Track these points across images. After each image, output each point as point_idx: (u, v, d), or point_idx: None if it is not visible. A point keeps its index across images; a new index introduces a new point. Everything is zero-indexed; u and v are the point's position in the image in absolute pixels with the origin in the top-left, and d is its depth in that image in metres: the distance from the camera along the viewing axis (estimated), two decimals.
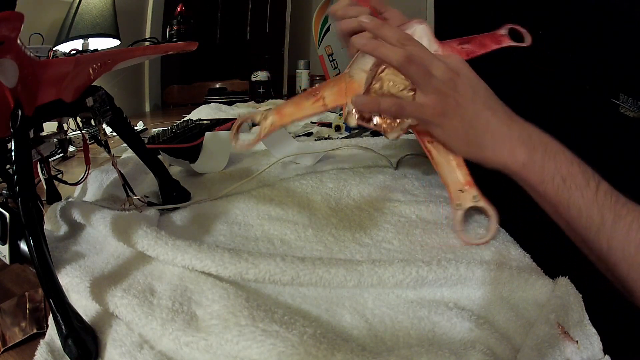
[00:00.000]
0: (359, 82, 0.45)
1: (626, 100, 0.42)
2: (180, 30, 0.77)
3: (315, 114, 0.45)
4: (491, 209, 0.40)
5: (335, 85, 0.45)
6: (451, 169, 0.42)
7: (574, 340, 0.27)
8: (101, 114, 0.41)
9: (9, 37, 0.27)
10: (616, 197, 0.35)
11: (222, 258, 0.33)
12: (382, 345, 0.28)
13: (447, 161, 0.42)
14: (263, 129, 0.44)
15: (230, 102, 1.49)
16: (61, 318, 0.27)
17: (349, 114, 0.44)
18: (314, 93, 0.45)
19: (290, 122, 0.44)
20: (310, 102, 0.45)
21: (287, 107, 0.45)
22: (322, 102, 0.44)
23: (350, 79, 0.45)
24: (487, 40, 0.45)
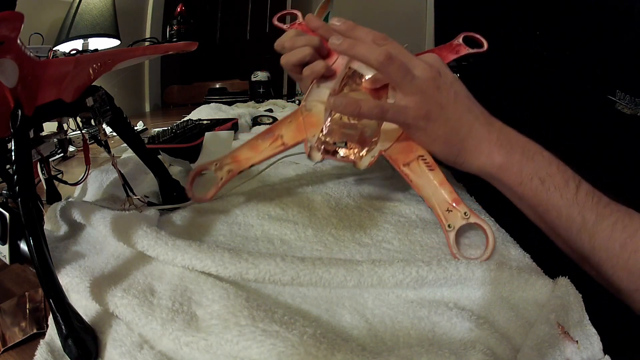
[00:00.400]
0: (317, 114, 0.43)
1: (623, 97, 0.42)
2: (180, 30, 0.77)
3: (275, 154, 0.43)
4: (484, 223, 0.37)
5: (293, 122, 0.43)
6: (434, 189, 0.39)
7: (574, 340, 0.27)
8: (101, 114, 0.41)
9: (9, 37, 0.27)
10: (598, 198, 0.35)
11: (222, 258, 0.33)
12: (382, 345, 0.28)
13: (428, 182, 0.39)
14: (219, 179, 0.43)
15: (230, 102, 1.50)
16: (61, 318, 0.27)
17: (312, 150, 0.41)
18: (270, 133, 0.43)
19: (248, 167, 0.43)
20: (268, 142, 0.43)
21: (242, 151, 0.43)
22: (280, 141, 0.42)
23: (308, 112, 0.43)
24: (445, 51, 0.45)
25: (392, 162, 0.41)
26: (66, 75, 0.36)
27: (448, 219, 0.38)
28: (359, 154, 0.41)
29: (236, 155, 0.43)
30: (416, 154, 0.40)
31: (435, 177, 0.39)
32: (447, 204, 0.38)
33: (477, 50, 0.45)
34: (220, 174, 0.43)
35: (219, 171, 0.43)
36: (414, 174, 0.40)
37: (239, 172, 0.43)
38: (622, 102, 0.42)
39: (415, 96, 0.37)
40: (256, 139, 0.43)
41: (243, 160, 0.43)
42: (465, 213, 0.37)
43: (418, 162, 0.40)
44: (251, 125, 1.07)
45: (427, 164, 0.40)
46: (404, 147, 0.40)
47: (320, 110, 0.43)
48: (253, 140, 0.43)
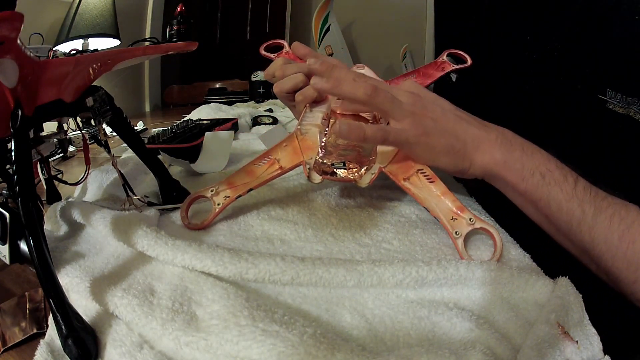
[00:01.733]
0: (312, 137, 0.43)
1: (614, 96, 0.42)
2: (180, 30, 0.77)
3: (273, 178, 0.42)
4: (490, 227, 0.37)
5: (288, 145, 0.43)
6: (437, 200, 0.39)
7: (574, 341, 0.27)
8: (101, 114, 0.41)
9: (9, 37, 0.27)
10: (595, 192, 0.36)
11: (222, 258, 0.33)
12: (382, 345, 0.28)
13: (430, 193, 0.40)
14: (216, 205, 0.42)
15: (230, 102, 1.50)
16: (61, 318, 0.27)
17: (310, 172, 0.40)
18: (266, 157, 0.43)
19: (245, 193, 0.42)
20: (264, 168, 0.42)
21: (239, 177, 0.43)
22: (277, 165, 0.42)
23: (303, 136, 0.43)
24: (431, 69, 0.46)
25: (392, 178, 0.41)
26: (66, 75, 0.36)
27: (454, 226, 0.38)
28: (358, 173, 0.41)
29: (232, 181, 0.42)
30: (415, 168, 0.40)
31: (436, 188, 0.39)
32: (451, 212, 0.38)
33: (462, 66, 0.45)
34: (217, 200, 0.42)
35: (216, 197, 0.42)
36: (415, 187, 0.40)
37: (234, 198, 0.42)
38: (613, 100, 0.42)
39: (408, 118, 0.39)
40: (252, 165, 0.43)
41: (240, 186, 0.42)
42: (470, 219, 0.38)
43: (418, 175, 0.40)
44: (251, 125, 1.08)
45: (426, 177, 0.40)
46: (402, 163, 0.41)
47: (315, 134, 0.43)
48: (249, 166, 0.43)
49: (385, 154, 0.41)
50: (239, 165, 0.65)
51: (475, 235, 0.40)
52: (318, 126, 0.44)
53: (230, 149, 0.67)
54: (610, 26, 0.43)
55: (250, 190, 0.42)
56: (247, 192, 0.42)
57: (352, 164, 0.42)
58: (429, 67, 0.46)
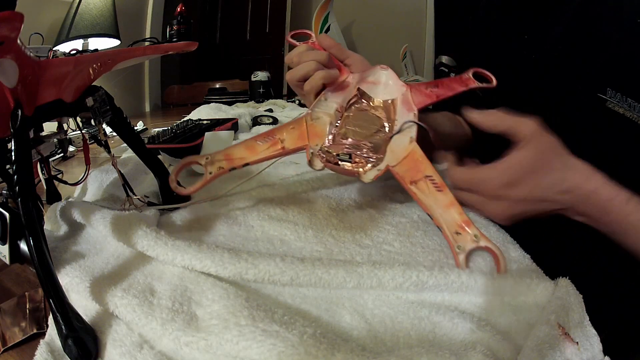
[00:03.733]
0: (322, 125, 0.42)
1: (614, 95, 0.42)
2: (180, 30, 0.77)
3: (272, 157, 0.41)
4: (496, 248, 0.35)
5: (296, 128, 0.42)
6: (442, 210, 0.38)
7: (574, 342, 0.27)
8: (101, 114, 0.41)
9: (9, 37, 0.27)
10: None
11: (222, 258, 0.33)
12: (382, 345, 0.28)
13: (436, 202, 0.38)
14: (208, 173, 0.41)
15: (230, 102, 1.50)
16: (61, 318, 0.27)
17: (313, 157, 0.40)
18: (270, 136, 0.42)
19: (241, 166, 0.41)
20: (266, 145, 0.42)
21: (237, 150, 0.42)
22: (280, 145, 0.41)
23: (312, 122, 0.43)
24: (455, 83, 0.46)
25: (399, 179, 0.40)
26: (66, 75, 0.36)
27: (457, 240, 0.36)
28: (362, 168, 0.40)
29: (230, 153, 0.42)
30: (423, 173, 0.39)
31: (444, 198, 0.38)
32: (456, 225, 0.37)
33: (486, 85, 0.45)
34: (210, 169, 0.41)
35: (210, 166, 0.41)
36: (422, 192, 0.39)
37: (230, 169, 0.41)
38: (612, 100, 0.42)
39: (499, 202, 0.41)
40: (254, 140, 0.42)
41: (236, 159, 0.41)
42: (476, 236, 0.36)
43: (426, 181, 0.39)
44: (251, 125, 1.08)
45: (435, 185, 0.39)
46: (411, 165, 0.40)
47: (325, 122, 0.43)
48: (250, 141, 0.42)
49: (396, 153, 0.40)
50: None
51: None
52: (330, 116, 0.43)
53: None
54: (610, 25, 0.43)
55: (246, 164, 0.41)
56: (242, 166, 0.41)
57: (359, 158, 0.41)
58: (454, 80, 0.46)
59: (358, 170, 0.40)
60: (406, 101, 0.44)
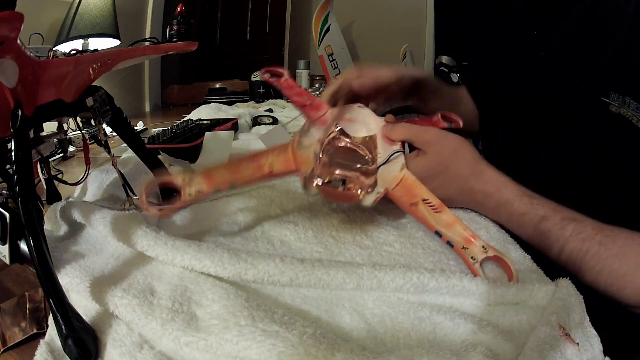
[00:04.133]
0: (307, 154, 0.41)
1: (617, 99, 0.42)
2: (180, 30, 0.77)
3: (259, 180, 0.40)
4: (504, 256, 0.36)
5: (281, 155, 0.40)
6: (446, 229, 0.38)
7: (575, 342, 0.27)
8: (101, 114, 0.41)
9: (9, 37, 0.27)
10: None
11: (222, 258, 0.33)
12: (382, 346, 0.28)
13: (438, 222, 0.38)
14: (186, 195, 0.37)
15: (230, 102, 1.49)
16: (61, 318, 0.27)
17: (306, 181, 0.38)
18: (255, 160, 0.40)
19: (225, 189, 0.39)
20: (251, 170, 0.39)
21: (219, 172, 0.39)
22: (267, 168, 0.40)
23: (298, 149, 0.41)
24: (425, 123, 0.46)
25: (397, 203, 0.40)
26: (66, 75, 0.36)
27: (468, 254, 0.37)
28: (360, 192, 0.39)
29: (210, 174, 0.38)
30: (420, 197, 0.39)
31: (445, 217, 0.38)
32: (463, 240, 0.37)
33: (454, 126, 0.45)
34: (188, 191, 0.38)
35: (188, 187, 0.38)
36: (421, 213, 0.39)
37: (208, 193, 0.38)
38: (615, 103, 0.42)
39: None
40: (237, 163, 0.40)
41: (218, 180, 0.39)
42: (484, 247, 0.36)
43: (423, 204, 0.39)
44: (251, 125, 1.07)
45: (432, 207, 0.39)
46: (405, 191, 0.40)
47: (310, 151, 0.41)
48: (233, 163, 0.40)
49: (387, 182, 0.40)
50: None
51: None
52: (314, 145, 0.41)
53: (230, 149, 0.67)
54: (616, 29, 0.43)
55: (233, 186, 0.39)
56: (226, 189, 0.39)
57: (352, 184, 0.39)
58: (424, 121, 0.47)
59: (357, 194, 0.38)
60: (383, 136, 0.43)
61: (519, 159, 0.55)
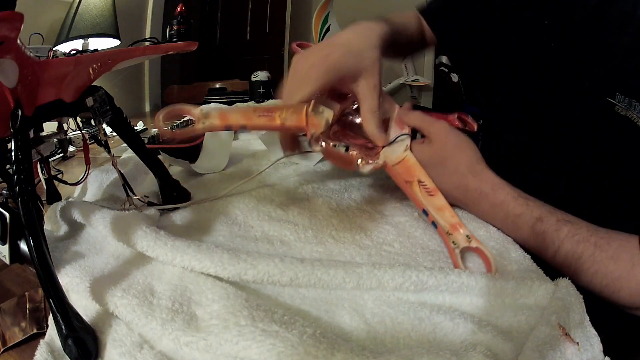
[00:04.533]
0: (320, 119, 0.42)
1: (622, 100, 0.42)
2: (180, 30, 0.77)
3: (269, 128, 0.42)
4: (486, 249, 0.37)
5: (295, 113, 0.42)
6: (435, 212, 0.40)
7: (575, 342, 0.27)
8: (101, 114, 0.41)
9: (9, 37, 0.27)
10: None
11: (221, 259, 0.33)
12: (382, 346, 0.28)
13: (428, 204, 0.40)
14: (199, 124, 0.41)
15: (230, 102, 1.49)
16: (61, 318, 0.27)
17: (314, 139, 0.41)
18: (270, 111, 0.42)
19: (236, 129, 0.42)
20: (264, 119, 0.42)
21: (232, 114, 0.42)
22: (279, 121, 0.41)
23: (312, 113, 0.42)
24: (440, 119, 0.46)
25: (394, 177, 0.43)
26: (66, 75, 0.36)
27: (451, 239, 0.38)
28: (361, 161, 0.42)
29: (225, 114, 0.41)
30: (416, 178, 0.41)
31: (436, 201, 0.40)
32: (448, 226, 0.39)
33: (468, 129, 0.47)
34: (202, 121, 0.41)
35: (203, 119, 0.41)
36: (414, 192, 0.41)
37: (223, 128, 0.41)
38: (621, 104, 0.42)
39: None
40: (252, 111, 0.42)
41: (232, 119, 0.41)
42: (467, 236, 0.38)
43: (418, 186, 0.41)
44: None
45: (427, 189, 0.41)
46: (404, 170, 0.43)
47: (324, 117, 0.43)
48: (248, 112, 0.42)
49: (390, 159, 0.43)
50: (239, 165, 0.65)
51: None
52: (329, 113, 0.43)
53: (230, 149, 0.67)
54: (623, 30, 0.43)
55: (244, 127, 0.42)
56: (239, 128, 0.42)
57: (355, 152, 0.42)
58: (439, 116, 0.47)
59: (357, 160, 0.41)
60: (399, 119, 0.46)
61: (520, 158, 0.55)
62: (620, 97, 0.42)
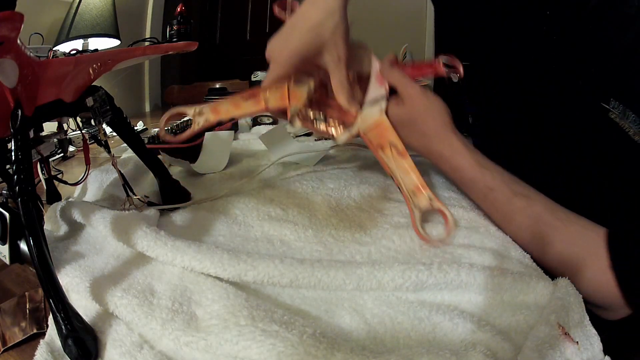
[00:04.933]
0: (302, 89, 0.45)
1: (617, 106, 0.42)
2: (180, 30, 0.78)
3: (255, 113, 0.46)
4: (446, 210, 0.40)
5: (278, 90, 0.45)
6: (403, 173, 0.43)
7: (575, 341, 0.27)
8: (101, 114, 0.41)
9: (9, 37, 0.27)
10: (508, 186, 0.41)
11: (221, 260, 0.33)
12: (382, 346, 0.28)
13: (398, 165, 0.43)
14: (196, 124, 0.45)
15: None
16: (61, 318, 0.27)
17: (292, 118, 0.44)
18: (253, 95, 0.45)
19: (227, 119, 0.45)
20: (250, 102, 0.45)
21: (223, 105, 0.45)
22: (263, 104, 0.45)
23: (294, 85, 0.45)
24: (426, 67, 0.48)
25: (368, 144, 0.45)
26: (66, 75, 0.36)
27: (414, 200, 0.41)
28: (337, 131, 0.46)
29: (216, 106, 0.45)
30: (388, 140, 0.44)
31: (405, 163, 0.43)
32: (414, 187, 0.42)
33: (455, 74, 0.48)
34: (197, 120, 0.45)
35: (198, 117, 0.45)
36: (387, 157, 0.44)
37: (216, 122, 0.45)
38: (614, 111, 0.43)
39: None
40: (239, 97, 0.45)
41: (222, 112, 0.45)
42: (430, 197, 0.41)
43: (390, 148, 0.44)
44: (251, 125, 1.07)
45: (397, 151, 0.44)
46: (378, 133, 0.45)
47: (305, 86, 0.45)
48: (236, 98, 0.45)
49: (366, 122, 0.45)
50: (239, 165, 0.65)
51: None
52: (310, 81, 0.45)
53: (230, 149, 0.67)
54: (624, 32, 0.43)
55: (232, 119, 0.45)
56: (228, 120, 0.45)
57: (332, 121, 0.46)
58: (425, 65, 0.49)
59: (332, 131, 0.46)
60: (378, 76, 0.47)
61: (519, 157, 0.55)
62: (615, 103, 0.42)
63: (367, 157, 0.64)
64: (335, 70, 0.44)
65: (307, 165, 0.61)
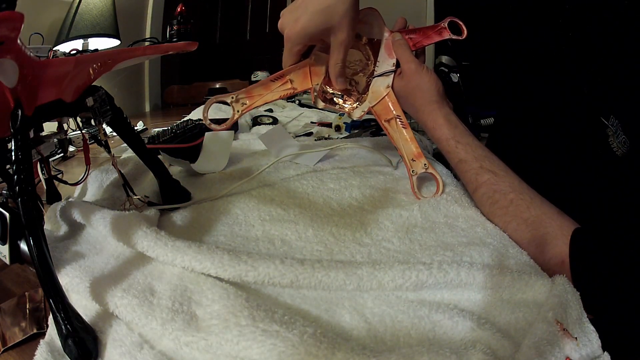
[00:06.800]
0: (321, 64, 0.50)
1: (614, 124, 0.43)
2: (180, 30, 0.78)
3: (285, 96, 0.50)
4: (436, 173, 0.49)
5: (301, 69, 0.50)
6: (404, 142, 0.50)
7: (573, 338, 0.27)
8: (101, 114, 0.41)
9: (9, 37, 0.27)
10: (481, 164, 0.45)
11: (222, 260, 0.33)
12: (383, 345, 0.28)
13: (401, 135, 0.50)
14: (235, 112, 0.48)
15: None
16: (61, 318, 0.27)
17: (317, 98, 0.51)
18: (281, 76, 0.50)
19: (261, 104, 0.49)
20: (278, 84, 0.50)
21: (256, 88, 0.49)
22: (289, 85, 0.50)
23: (314, 61, 0.51)
24: (431, 32, 0.54)
25: (376, 117, 0.51)
26: (66, 75, 0.36)
27: (412, 166, 0.50)
28: (352, 106, 0.52)
29: (250, 90, 0.49)
30: (394, 114, 0.51)
31: (407, 133, 0.50)
32: (413, 154, 0.50)
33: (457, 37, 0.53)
34: (236, 107, 0.48)
35: (235, 104, 0.48)
36: (392, 128, 0.51)
37: (251, 107, 0.49)
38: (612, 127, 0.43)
39: None
40: (268, 79, 0.49)
41: (256, 95, 0.49)
42: (425, 164, 0.49)
43: (395, 120, 0.51)
44: (251, 125, 1.07)
45: (401, 123, 0.51)
46: (386, 107, 0.52)
47: (323, 60, 0.50)
48: (265, 80, 0.49)
49: (375, 95, 0.52)
50: (239, 165, 0.64)
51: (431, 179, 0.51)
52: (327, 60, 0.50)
53: (230, 149, 0.67)
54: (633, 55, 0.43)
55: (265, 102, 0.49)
56: (262, 104, 0.49)
57: (348, 97, 0.52)
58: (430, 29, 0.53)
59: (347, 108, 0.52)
60: (388, 46, 0.53)
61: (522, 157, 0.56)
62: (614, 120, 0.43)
63: (367, 157, 0.64)
64: (335, 52, 0.47)
65: (308, 165, 0.61)
